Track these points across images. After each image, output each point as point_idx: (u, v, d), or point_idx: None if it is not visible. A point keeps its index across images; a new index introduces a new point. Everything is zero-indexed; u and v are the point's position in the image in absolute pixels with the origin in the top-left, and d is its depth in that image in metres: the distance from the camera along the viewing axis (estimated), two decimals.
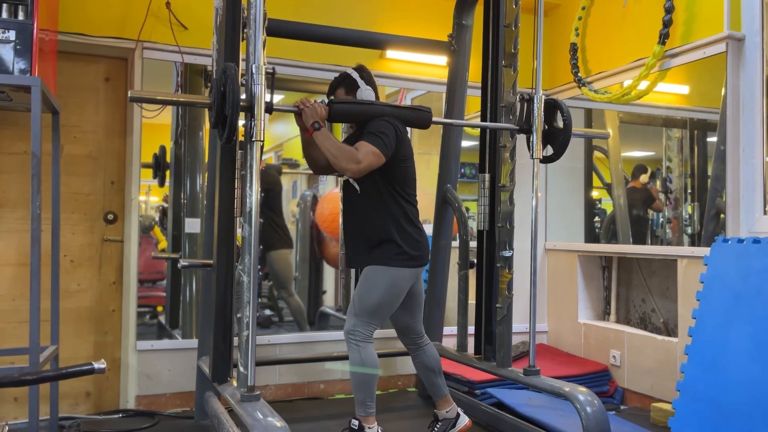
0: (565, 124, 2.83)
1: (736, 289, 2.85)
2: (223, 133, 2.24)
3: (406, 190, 2.70)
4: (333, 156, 2.52)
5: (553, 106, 2.87)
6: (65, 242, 3.27)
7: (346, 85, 2.76)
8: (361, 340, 2.59)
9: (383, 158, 2.56)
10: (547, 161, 2.93)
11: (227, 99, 2.18)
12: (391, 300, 2.66)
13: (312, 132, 2.53)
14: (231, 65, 2.23)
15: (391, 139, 2.58)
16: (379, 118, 2.62)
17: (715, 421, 2.73)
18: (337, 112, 2.61)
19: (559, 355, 4.09)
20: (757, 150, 3.11)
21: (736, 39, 3.16)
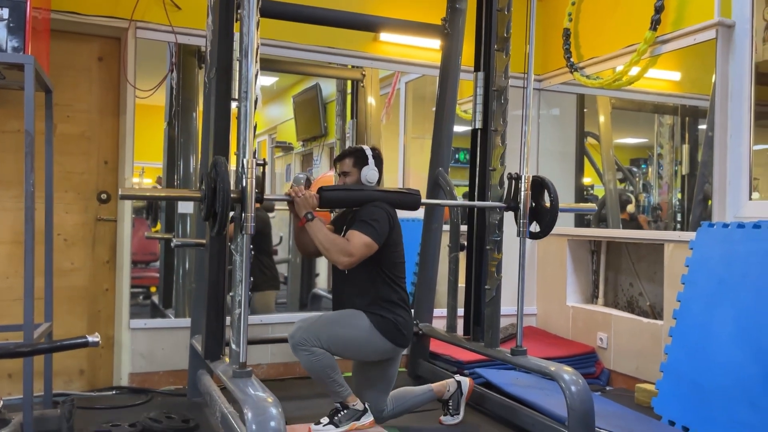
0: (552, 203, 2.84)
1: (720, 273, 2.91)
2: (213, 226, 2.24)
3: (396, 274, 2.71)
4: (325, 249, 2.54)
5: (540, 185, 2.88)
6: (59, 221, 3.29)
7: (356, 157, 2.78)
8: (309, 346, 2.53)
9: (376, 247, 2.57)
10: (535, 237, 2.94)
11: (218, 194, 2.17)
12: (351, 350, 2.65)
13: (304, 222, 2.55)
14: (221, 160, 2.20)
15: (383, 227, 2.60)
16: (372, 204, 2.64)
17: (696, 401, 2.80)
18: (328, 199, 2.64)
19: (548, 337, 4.15)
20: (744, 137, 3.15)
21: (726, 26, 3.19)
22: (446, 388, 2.96)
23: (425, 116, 4.06)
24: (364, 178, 2.75)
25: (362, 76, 4.24)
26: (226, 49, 2.75)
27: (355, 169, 2.77)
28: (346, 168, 2.79)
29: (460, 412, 2.95)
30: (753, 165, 3.15)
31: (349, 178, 2.79)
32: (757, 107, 3.15)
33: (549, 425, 2.71)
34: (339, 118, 4.47)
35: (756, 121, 3.14)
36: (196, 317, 3.19)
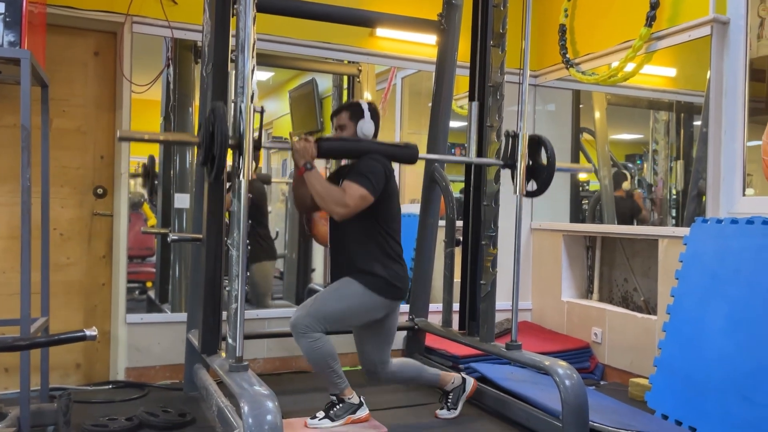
0: (549, 160, 2.85)
1: (713, 268, 2.93)
2: (211, 171, 2.25)
3: (392, 226, 2.73)
4: (321, 198, 2.56)
5: (537, 143, 2.90)
6: (55, 216, 3.29)
7: (352, 111, 2.79)
8: (309, 331, 2.56)
9: (371, 199, 2.59)
10: (531, 196, 2.96)
11: (215, 139, 2.18)
12: (352, 318, 2.69)
13: (303, 171, 2.57)
14: (219, 104, 2.23)
15: (379, 179, 2.61)
16: (368, 156, 2.65)
17: (689, 395, 2.82)
18: (327, 149, 2.66)
19: (543, 332, 4.18)
20: (739, 133, 3.17)
21: (721, 22, 3.20)
22: (451, 380, 2.99)
23: (421, 112, 4.06)
24: (360, 131, 2.76)
25: (358, 72, 4.24)
26: (223, 44, 2.75)
27: (351, 123, 2.78)
28: (342, 121, 2.80)
29: (458, 408, 2.97)
30: (747, 161, 3.17)
31: (345, 131, 2.79)
32: (751, 104, 3.17)
33: (543, 419, 2.73)
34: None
35: (750, 117, 3.16)
36: (192, 312, 3.20)
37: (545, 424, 2.71)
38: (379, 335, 2.80)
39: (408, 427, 2.85)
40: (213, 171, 2.25)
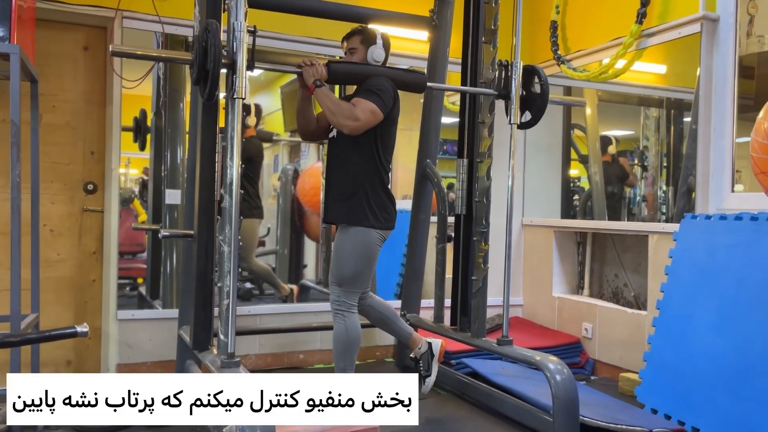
0: (542, 89, 2.87)
1: (702, 264, 2.95)
2: (205, 88, 2.25)
3: (385, 156, 2.76)
4: (331, 113, 2.58)
5: (530, 72, 2.91)
6: (45, 212, 3.27)
7: (364, 35, 2.80)
8: (346, 310, 2.69)
9: (381, 116, 2.61)
10: (525, 127, 2.98)
11: (209, 54, 2.19)
12: (367, 263, 2.74)
13: (313, 89, 2.59)
14: (213, 21, 2.24)
15: (388, 98, 2.64)
16: (377, 76, 2.67)
17: (678, 389, 2.85)
18: (336, 72, 2.68)
19: (534, 328, 4.20)
20: (727, 130, 3.19)
21: (711, 20, 3.22)
22: (419, 345, 2.97)
23: (412, 107, 4.06)
24: (371, 56, 2.77)
25: None
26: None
27: (362, 47, 2.79)
28: (353, 44, 2.81)
29: (432, 372, 2.95)
30: (736, 158, 3.20)
31: (355, 55, 2.80)
32: (741, 100, 3.19)
33: (534, 414, 2.74)
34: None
35: (739, 114, 3.18)
36: (183, 308, 3.19)
37: (536, 418, 2.72)
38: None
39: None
40: (207, 88, 2.23)
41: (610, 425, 2.65)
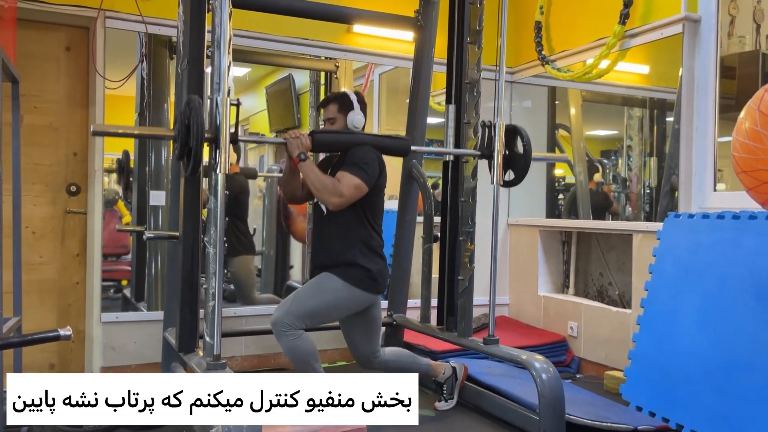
0: (525, 149, 2.87)
1: (686, 262, 2.98)
2: (188, 165, 2.23)
3: (376, 220, 2.74)
4: (316, 189, 2.56)
5: (513, 132, 2.92)
6: (27, 214, 3.24)
7: (341, 102, 2.78)
8: (289, 329, 2.57)
9: (365, 189, 2.60)
10: (509, 185, 2.98)
11: (192, 132, 2.16)
12: (331, 313, 2.70)
13: (297, 162, 2.57)
14: (195, 97, 2.21)
15: (373, 170, 2.62)
16: (361, 147, 2.65)
17: (663, 387, 2.88)
18: (321, 142, 2.66)
19: (520, 327, 4.22)
20: (710, 130, 3.23)
21: (693, 20, 3.26)
22: (442, 371, 3.02)
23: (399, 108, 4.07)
24: (351, 123, 2.75)
25: (336, 68, 4.23)
26: (198, 39, 2.71)
27: (341, 115, 2.77)
28: (331, 114, 2.78)
29: (454, 397, 3.02)
30: (718, 157, 3.23)
31: (335, 124, 2.78)
32: (722, 100, 3.23)
33: (520, 412, 2.76)
34: (312, 110, 4.45)
35: (721, 114, 3.22)
36: (169, 310, 3.16)
37: (522, 417, 2.74)
38: (365, 325, 2.82)
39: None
40: (189, 165, 2.22)
41: (595, 423, 2.67)
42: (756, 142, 1.95)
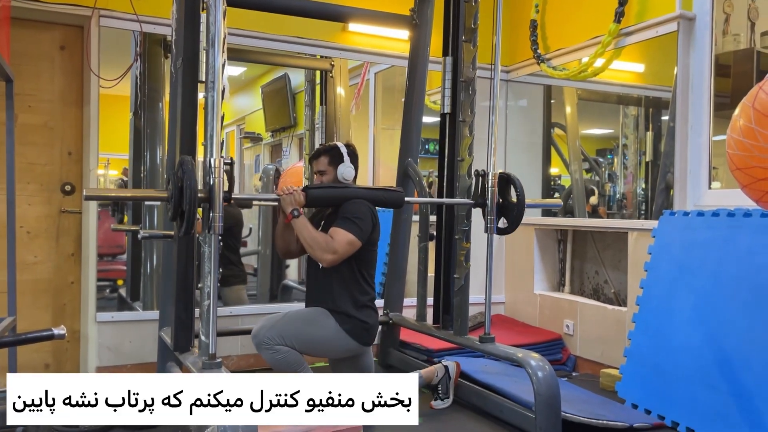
0: (518, 198, 2.88)
1: (680, 260, 2.99)
2: (181, 226, 2.21)
3: (369, 272, 2.76)
4: (309, 246, 2.57)
5: (506, 181, 2.92)
6: (21, 213, 3.22)
7: (332, 155, 2.80)
8: (274, 345, 2.56)
9: (359, 244, 2.61)
10: (503, 233, 2.98)
11: (185, 194, 2.14)
12: (317, 348, 2.69)
13: (291, 219, 2.57)
14: (188, 159, 2.19)
15: (367, 224, 2.64)
16: (354, 201, 2.66)
17: (658, 384, 2.88)
18: (314, 197, 2.67)
19: (516, 325, 4.22)
20: (704, 128, 3.23)
21: (688, 18, 3.26)
22: (434, 374, 3.02)
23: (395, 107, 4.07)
24: (341, 175, 2.78)
25: (331, 67, 4.23)
26: (192, 38, 2.71)
27: (331, 168, 2.80)
28: (321, 167, 2.81)
29: (450, 395, 3.02)
30: (712, 155, 3.24)
31: (325, 176, 2.81)
32: (717, 98, 3.24)
33: (517, 411, 2.76)
34: (308, 109, 4.45)
35: (715, 111, 3.23)
36: (164, 309, 3.16)
37: (518, 415, 2.74)
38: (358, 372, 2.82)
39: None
40: (183, 226, 2.19)
41: (591, 421, 2.67)
42: (750, 139, 1.95)
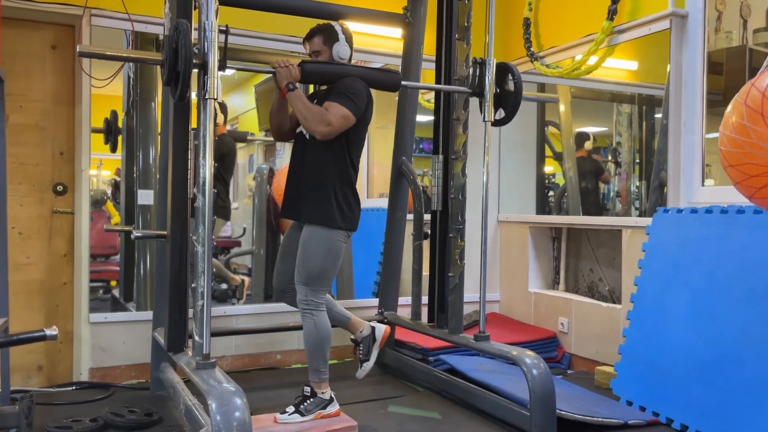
0: (516, 87, 2.88)
1: (674, 257, 3.00)
2: (176, 90, 2.21)
3: (355, 155, 2.72)
4: (303, 117, 2.55)
5: (504, 70, 2.92)
6: (13, 214, 3.20)
7: (326, 34, 2.73)
8: (314, 308, 2.63)
9: (353, 120, 2.58)
10: (499, 124, 2.98)
11: (180, 55, 2.15)
12: (333, 262, 2.67)
13: (286, 92, 2.56)
14: (183, 21, 2.20)
15: (361, 101, 2.61)
16: (349, 78, 2.64)
17: (652, 381, 2.89)
18: (310, 72, 2.64)
19: (511, 323, 4.22)
20: (697, 125, 3.24)
21: (680, 16, 3.27)
22: (360, 328, 2.93)
23: (388, 105, 4.06)
24: (336, 54, 2.72)
25: None
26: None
27: (326, 47, 2.73)
28: (316, 47, 2.74)
29: (370, 357, 2.91)
30: (706, 152, 3.25)
31: (320, 57, 2.74)
32: (710, 96, 3.24)
33: (512, 409, 2.76)
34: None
35: (708, 109, 3.23)
36: (158, 310, 3.15)
37: (513, 413, 2.74)
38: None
39: (378, 420, 2.85)
40: (178, 89, 2.20)
41: (586, 418, 2.67)
42: (743, 136, 1.95)
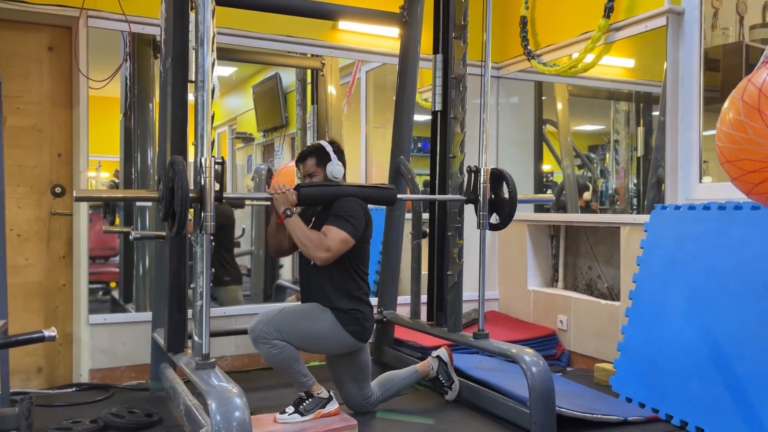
0: (511, 195, 2.89)
1: (672, 253, 3.00)
2: (173, 226, 2.20)
3: (362, 268, 2.74)
4: (302, 244, 2.56)
5: (498, 177, 2.93)
6: (11, 216, 3.20)
7: (318, 155, 2.76)
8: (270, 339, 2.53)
9: (352, 242, 2.60)
10: (495, 229, 2.99)
11: (176, 195, 2.13)
12: (315, 343, 2.65)
13: (284, 218, 2.57)
14: (179, 158, 2.18)
15: (360, 222, 2.63)
16: (346, 199, 2.65)
17: (651, 377, 2.89)
18: (306, 196, 2.65)
19: (510, 321, 4.23)
20: (694, 122, 3.25)
21: (676, 13, 3.27)
22: (430, 367, 3.03)
23: (386, 105, 4.07)
24: (330, 174, 2.76)
25: (322, 65, 4.22)
26: (182, 38, 2.70)
27: (320, 168, 2.76)
28: (309, 169, 2.78)
29: (454, 380, 3.04)
30: (703, 149, 3.25)
31: (315, 177, 2.78)
32: (707, 93, 3.25)
33: (511, 406, 2.76)
34: (299, 108, 4.44)
35: (705, 106, 3.24)
36: (157, 311, 3.15)
37: (513, 411, 2.74)
38: (354, 371, 2.80)
39: (377, 418, 2.85)
40: (174, 227, 2.18)
41: (586, 415, 2.68)
42: (740, 131, 1.96)
